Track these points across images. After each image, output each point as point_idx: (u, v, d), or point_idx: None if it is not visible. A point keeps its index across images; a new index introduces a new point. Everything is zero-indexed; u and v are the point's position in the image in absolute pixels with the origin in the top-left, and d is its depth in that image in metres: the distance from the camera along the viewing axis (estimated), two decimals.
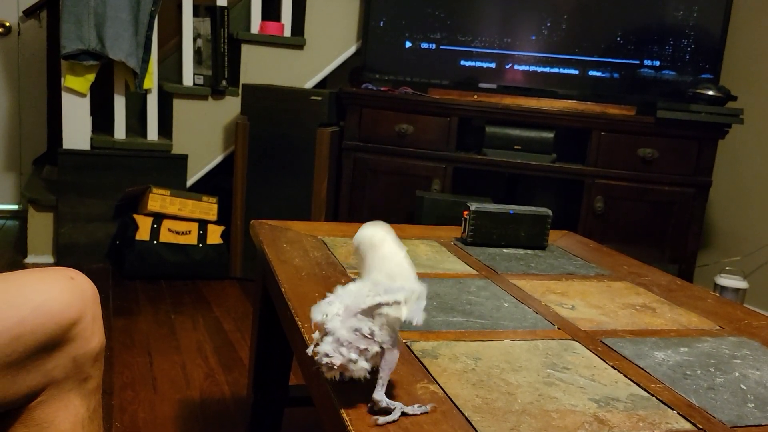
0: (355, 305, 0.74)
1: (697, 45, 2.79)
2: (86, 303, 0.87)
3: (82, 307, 0.86)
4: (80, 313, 0.85)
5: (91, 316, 0.87)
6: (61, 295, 0.84)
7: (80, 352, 0.86)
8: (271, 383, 1.57)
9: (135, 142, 3.05)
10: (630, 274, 1.45)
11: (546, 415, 0.78)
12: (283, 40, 3.12)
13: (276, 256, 1.33)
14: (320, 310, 0.76)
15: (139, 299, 2.64)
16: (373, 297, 0.74)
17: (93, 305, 0.88)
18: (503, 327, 1.06)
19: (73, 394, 0.87)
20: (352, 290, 0.77)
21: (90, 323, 0.87)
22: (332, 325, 0.74)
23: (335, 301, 0.76)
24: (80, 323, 0.85)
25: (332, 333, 0.74)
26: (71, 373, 0.86)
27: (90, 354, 0.87)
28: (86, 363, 0.87)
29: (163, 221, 2.87)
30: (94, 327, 0.88)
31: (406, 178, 2.84)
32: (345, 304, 0.75)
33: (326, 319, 0.75)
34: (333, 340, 0.74)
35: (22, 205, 3.64)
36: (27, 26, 3.61)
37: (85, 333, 0.86)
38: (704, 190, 2.70)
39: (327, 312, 0.76)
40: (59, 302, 0.83)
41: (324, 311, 0.76)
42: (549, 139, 2.76)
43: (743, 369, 0.97)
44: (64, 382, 0.86)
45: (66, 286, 0.85)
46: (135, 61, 2.87)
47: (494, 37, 2.91)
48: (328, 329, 0.74)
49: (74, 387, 0.87)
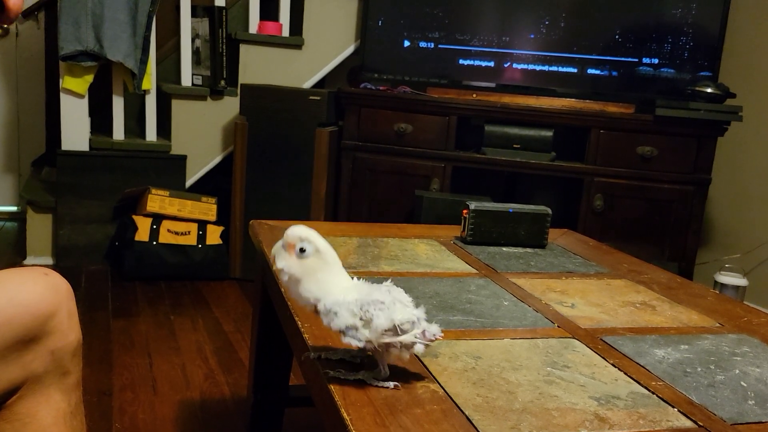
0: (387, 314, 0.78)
1: (696, 42, 2.79)
2: (61, 298, 0.89)
3: (56, 301, 0.87)
4: (55, 306, 0.87)
5: (66, 311, 0.89)
6: (35, 287, 0.86)
7: (58, 345, 0.88)
8: (272, 384, 1.57)
9: (134, 143, 3.05)
10: (630, 272, 1.45)
11: (546, 414, 0.78)
12: (281, 39, 3.12)
13: None
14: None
15: (139, 300, 2.63)
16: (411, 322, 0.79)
17: (68, 301, 0.90)
18: (503, 326, 1.06)
19: (53, 389, 0.89)
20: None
21: (66, 318, 0.89)
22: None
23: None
24: (56, 317, 0.87)
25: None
26: (50, 367, 0.87)
27: (68, 348, 0.89)
28: (65, 357, 0.89)
29: (162, 222, 2.87)
30: (71, 322, 0.90)
31: (405, 178, 2.84)
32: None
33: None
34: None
35: (20, 207, 3.64)
36: (25, 28, 3.61)
37: (61, 327, 0.88)
38: (703, 187, 2.70)
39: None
40: (33, 294, 0.85)
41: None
42: (548, 137, 2.76)
43: (743, 366, 0.96)
44: (44, 377, 0.87)
45: (39, 281, 0.87)
46: (133, 62, 2.86)
47: (493, 36, 2.91)
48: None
49: (54, 382, 0.89)
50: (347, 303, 0.79)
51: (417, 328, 0.79)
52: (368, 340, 0.78)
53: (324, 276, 0.81)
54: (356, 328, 0.78)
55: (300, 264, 0.81)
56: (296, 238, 0.82)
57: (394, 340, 0.78)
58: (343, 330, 0.79)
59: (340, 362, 0.85)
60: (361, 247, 1.46)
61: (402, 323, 0.78)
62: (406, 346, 0.79)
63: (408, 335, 0.78)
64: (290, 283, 0.82)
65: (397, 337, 0.78)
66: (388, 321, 0.77)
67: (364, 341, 0.78)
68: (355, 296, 0.80)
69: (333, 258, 0.82)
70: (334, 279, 0.81)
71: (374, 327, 0.77)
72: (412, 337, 0.78)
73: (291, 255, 0.82)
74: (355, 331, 0.78)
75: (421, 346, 0.79)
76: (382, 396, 0.79)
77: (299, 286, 0.82)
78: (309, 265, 0.81)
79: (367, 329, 0.78)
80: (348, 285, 0.82)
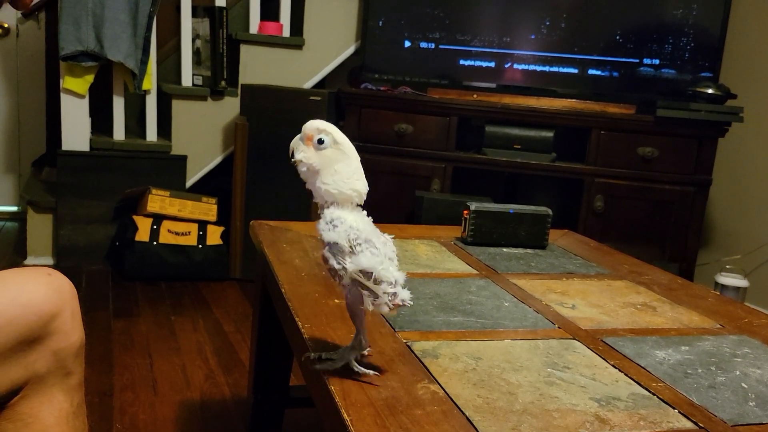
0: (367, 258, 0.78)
1: (697, 43, 2.79)
2: (64, 298, 0.88)
3: (60, 301, 0.87)
4: (58, 306, 0.87)
5: (69, 311, 0.89)
6: (38, 287, 0.86)
7: (61, 345, 0.87)
8: (272, 384, 1.57)
9: (134, 143, 3.05)
10: (630, 273, 1.45)
11: (547, 415, 0.78)
12: (281, 40, 3.12)
13: (276, 256, 1.33)
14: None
15: (139, 300, 2.63)
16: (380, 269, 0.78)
17: (71, 301, 0.90)
18: (504, 326, 1.05)
19: (56, 389, 0.89)
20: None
21: (69, 318, 0.89)
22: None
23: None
24: (59, 317, 0.87)
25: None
26: (53, 367, 0.87)
27: (71, 349, 0.89)
28: (68, 358, 0.89)
29: (163, 222, 2.87)
30: (74, 322, 0.90)
31: (406, 178, 2.84)
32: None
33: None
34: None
35: (21, 207, 3.64)
36: (25, 28, 3.61)
37: (64, 327, 0.88)
38: (704, 188, 2.70)
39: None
40: (37, 294, 0.85)
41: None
42: (548, 138, 2.76)
43: (744, 367, 0.96)
44: (47, 377, 0.87)
45: (43, 281, 0.87)
46: (134, 62, 2.86)
47: (493, 37, 2.91)
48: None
49: (57, 382, 0.88)
50: (349, 224, 0.79)
51: (390, 288, 0.79)
52: (344, 267, 0.78)
53: (341, 167, 0.81)
54: (343, 251, 0.78)
55: (318, 155, 0.81)
56: (314, 130, 0.81)
57: (364, 282, 0.78)
58: (330, 244, 0.79)
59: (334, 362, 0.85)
60: None
61: (379, 278, 0.78)
62: (373, 293, 0.79)
63: (378, 286, 0.78)
64: (308, 175, 0.82)
65: (368, 281, 0.78)
66: (370, 266, 0.78)
67: (341, 266, 0.78)
68: (360, 225, 0.80)
69: (351, 150, 0.82)
70: (355, 173, 0.81)
71: (356, 260, 0.78)
72: (380, 292, 0.78)
73: (309, 147, 0.81)
74: (340, 253, 0.78)
75: (386, 307, 0.79)
76: (383, 397, 0.79)
77: (317, 178, 0.81)
78: (327, 156, 0.81)
79: (350, 258, 0.78)
80: (362, 198, 0.81)
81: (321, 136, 0.81)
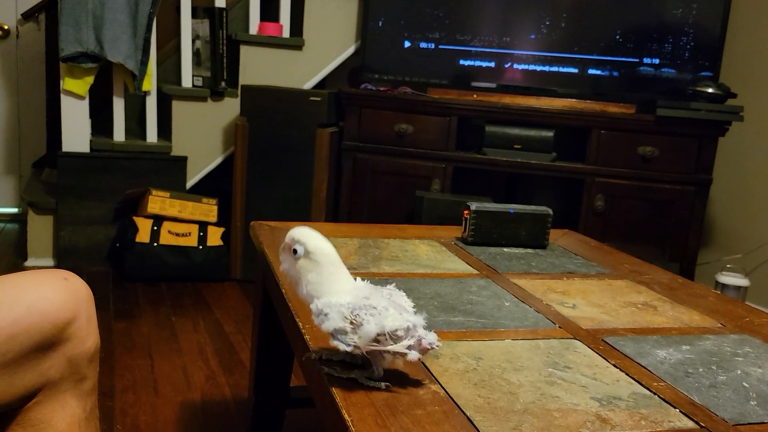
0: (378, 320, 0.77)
1: (697, 42, 2.79)
2: (80, 303, 0.87)
3: (76, 307, 0.86)
4: (74, 313, 0.86)
5: (85, 316, 0.88)
6: (54, 294, 0.85)
7: (75, 352, 0.86)
8: (273, 385, 1.57)
9: (134, 144, 3.05)
10: (631, 273, 1.44)
11: (548, 415, 0.78)
12: (281, 40, 3.12)
13: (276, 257, 1.32)
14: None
15: (140, 301, 2.63)
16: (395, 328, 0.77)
17: (87, 306, 0.89)
18: (504, 326, 1.05)
19: (69, 395, 0.88)
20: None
21: (84, 323, 0.87)
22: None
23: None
24: (75, 323, 0.86)
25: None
26: (67, 373, 0.86)
27: (85, 354, 0.88)
28: (82, 363, 0.88)
29: (163, 223, 2.87)
30: (89, 327, 0.88)
31: (406, 178, 2.84)
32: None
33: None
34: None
35: (21, 208, 3.64)
36: (25, 29, 3.61)
37: (79, 333, 0.87)
38: (705, 187, 2.69)
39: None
40: (53, 302, 0.84)
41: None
42: (549, 138, 2.75)
43: (745, 366, 0.96)
44: (61, 383, 0.86)
45: (59, 287, 0.86)
46: (134, 63, 2.86)
47: (493, 37, 2.91)
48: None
49: (70, 387, 0.87)
50: (339, 305, 0.79)
51: (412, 335, 0.78)
52: (356, 345, 0.78)
53: (314, 277, 0.81)
54: (345, 332, 0.78)
55: (295, 265, 0.83)
56: (290, 239, 0.83)
57: (380, 349, 0.77)
58: (332, 333, 0.79)
59: (341, 363, 0.85)
60: (362, 248, 1.46)
61: (393, 330, 0.77)
62: (397, 353, 0.78)
63: (397, 344, 0.77)
64: (293, 284, 0.84)
65: (385, 345, 0.77)
66: (378, 327, 0.76)
67: (352, 346, 0.78)
68: (348, 299, 0.79)
69: (326, 259, 0.82)
70: (327, 280, 0.81)
71: (363, 332, 0.77)
72: (401, 347, 0.77)
73: (289, 256, 0.83)
74: (343, 335, 0.78)
75: (415, 354, 0.78)
76: (384, 397, 0.79)
77: (297, 288, 0.83)
78: (301, 266, 0.82)
79: (356, 334, 0.77)
80: (347, 287, 0.82)
81: (295, 246, 0.82)
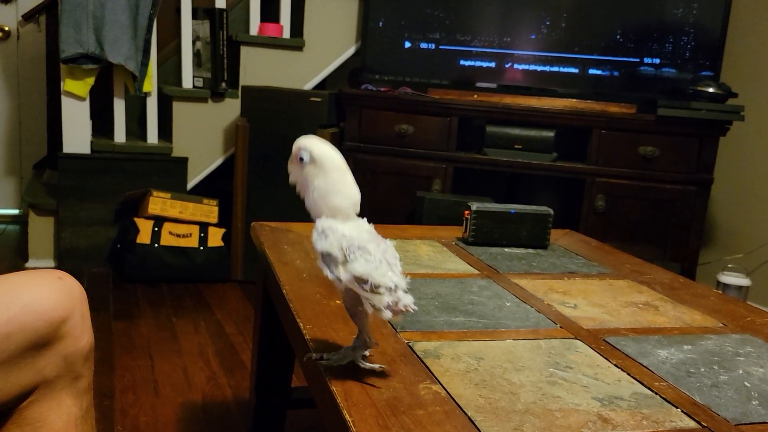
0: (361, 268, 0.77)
1: (697, 42, 2.79)
2: (74, 302, 0.88)
3: (70, 305, 0.87)
4: (69, 311, 0.87)
5: (79, 315, 0.89)
6: (49, 293, 0.85)
7: (70, 350, 0.87)
8: (273, 386, 1.57)
9: (135, 145, 3.05)
10: (632, 273, 1.44)
11: (549, 415, 0.77)
12: (282, 41, 3.12)
13: (277, 257, 1.32)
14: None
15: (140, 302, 2.63)
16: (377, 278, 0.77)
17: (81, 304, 0.90)
18: (505, 326, 1.05)
19: (65, 393, 0.88)
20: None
21: (79, 322, 0.88)
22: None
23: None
24: (69, 321, 0.87)
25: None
26: (62, 371, 0.87)
27: (80, 352, 0.89)
28: (77, 362, 0.88)
29: (164, 224, 2.87)
30: (83, 326, 0.89)
31: (407, 179, 2.84)
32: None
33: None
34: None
35: (22, 210, 3.64)
36: (26, 31, 3.61)
37: (74, 331, 0.87)
38: (706, 187, 2.69)
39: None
40: (48, 300, 0.85)
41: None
42: (549, 138, 2.75)
43: (747, 366, 0.96)
44: (56, 381, 0.87)
45: (54, 286, 0.87)
46: (134, 65, 2.86)
47: (493, 37, 2.91)
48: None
49: (66, 386, 0.88)
50: (341, 233, 0.78)
51: (391, 294, 0.78)
52: (339, 278, 0.78)
53: (319, 182, 0.80)
54: (336, 261, 0.78)
55: (302, 173, 0.81)
56: (296, 148, 0.82)
57: (359, 292, 0.77)
58: (323, 254, 0.79)
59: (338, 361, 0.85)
60: None
61: (377, 285, 0.77)
62: (372, 304, 0.78)
63: (377, 294, 0.77)
64: (301, 194, 0.83)
65: (364, 291, 0.77)
66: (365, 274, 0.77)
67: (334, 276, 0.78)
68: (351, 232, 0.79)
69: (332, 164, 0.80)
70: (333, 185, 0.80)
71: (350, 269, 0.77)
72: (379, 301, 0.77)
73: (296, 165, 0.82)
74: (332, 263, 0.78)
75: (388, 314, 0.78)
76: (385, 397, 0.79)
77: (305, 198, 0.82)
78: (308, 173, 0.81)
79: (344, 268, 0.77)
80: (350, 191, 0.81)
81: (301, 153, 0.81)
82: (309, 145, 0.81)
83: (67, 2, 2.75)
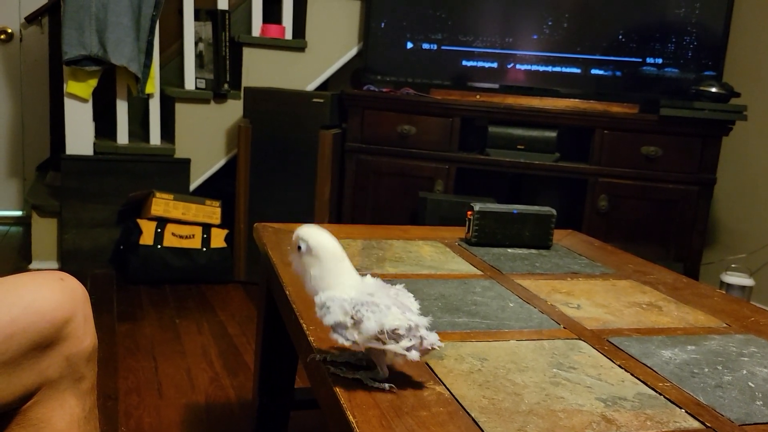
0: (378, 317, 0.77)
1: (700, 42, 2.78)
2: (77, 303, 0.88)
3: (72, 306, 0.87)
4: (71, 312, 0.87)
5: (82, 316, 0.89)
6: (51, 294, 0.86)
7: (73, 351, 0.87)
8: (277, 387, 1.57)
9: (138, 146, 3.05)
10: (635, 273, 1.44)
11: (553, 415, 0.77)
12: (284, 42, 3.12)
13: (280, 258, 1.32)
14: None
15: (143, 304, 2.64)
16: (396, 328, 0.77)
17: (84, 305, 0.90)
18: (509, 327, 1.05)
19: (68, 394, 0.88)
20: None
21: (81, 323, 0.89)
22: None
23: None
24: (72, 322, 0.87)
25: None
26: (65, 372, 0.87)
27: (83, 353, 0.89)
28: (80, 362, 0.89)
29: (167, 225, 2.87)
30: (86, 327, 0.90)
31: (409, 179, 2.84)
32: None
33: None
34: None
35: (25, 211, 3.65)
36: (29, 33, 3.62)
37: (77, 332, 0.88)
38: (709, 187, 2.69)
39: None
40: (50, 301, 0.85)
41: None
42: (552, 138, 2.75)
43: (751, 366, 0.96)
44: (59, 382, 0.87)
45: (56, 287, 0.87)
46: (137, 66, 2.87)
47: (495, 37, 2.91)
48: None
49: (69, 387, 0.88)
50: (341, 300, 0.79)
51: (413, 335, 0.78)
52: (355, 341, 0.78)
53: (317, 272, 0.82)
54: (346, 326, 0.78)
55: (300, 262, 0.84)
56: (296, 237, 0.85)
57: (379, 346, 0.77)
58: (333, 326, 0.79)
59: (345, 364, 0.85)
60: (366, 249, 1.46)
61: (393, 329, 0.77)
62: (397, 353, 0.78)
63: (397, 344, 0.77)
64: (301, 281, 0.85)
65: (386, 344, 0.77)
66: (378, 325, 0.77)
67: (351, 341, 0.78)
68: (352, 294, 0.80)
69: (327, 254, 0.83)
70: (329, 275, 0.82)
71: (363, 329, 0.77)
72: (400, 348, 0.77)
73: (296, 254, 0.85)
74: (344, 329, 0.78)
75: (415, 354, 0.78)
76: (388, 398, 0.79)
77: (304, 284, 0.85)
78: (306, 262, 0.83)
79: (357, 330, 0.77)
80: (351, 282, 0.82)
81: (299, 243, 0.84)
82: (306, 235, 0.84)
83: (70, 4, 2.76)
